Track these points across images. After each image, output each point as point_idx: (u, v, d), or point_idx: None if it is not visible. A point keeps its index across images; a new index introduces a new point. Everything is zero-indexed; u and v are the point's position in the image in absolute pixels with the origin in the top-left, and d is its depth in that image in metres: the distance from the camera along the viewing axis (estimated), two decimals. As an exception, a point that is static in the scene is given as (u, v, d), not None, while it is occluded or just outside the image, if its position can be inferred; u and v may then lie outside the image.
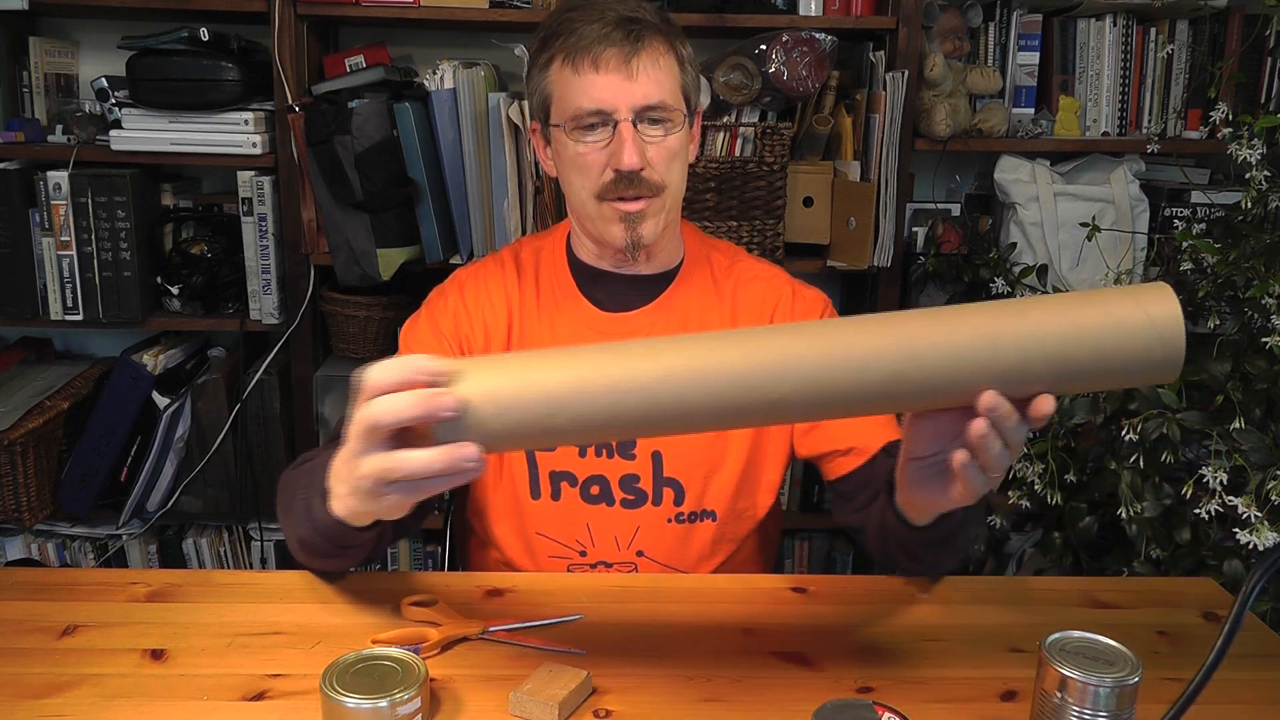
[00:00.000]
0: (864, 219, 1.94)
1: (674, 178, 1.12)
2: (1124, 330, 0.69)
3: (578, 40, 1.07)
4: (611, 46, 1.06)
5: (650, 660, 0.91)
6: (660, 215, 1.12)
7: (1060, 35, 2.08)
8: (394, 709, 0.76)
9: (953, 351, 0.69)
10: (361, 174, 1.83)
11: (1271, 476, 1.44)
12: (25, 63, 2.00)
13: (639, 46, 1.07)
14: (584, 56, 1.07)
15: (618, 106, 1.07)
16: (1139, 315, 0.69)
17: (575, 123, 1.09)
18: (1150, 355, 0.69)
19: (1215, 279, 1.70)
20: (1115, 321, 0.69)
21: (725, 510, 1.17)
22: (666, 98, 1.08)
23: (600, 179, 1.09)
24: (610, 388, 0.70)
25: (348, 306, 1.99)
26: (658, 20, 1.10)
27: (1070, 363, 0.69)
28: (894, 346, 0.70)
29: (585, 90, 1.07)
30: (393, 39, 2.10)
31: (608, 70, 1.06)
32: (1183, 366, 0.70)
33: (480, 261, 1.25)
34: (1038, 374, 0.70)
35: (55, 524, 2.05)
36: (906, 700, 0.86)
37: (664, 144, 1.09)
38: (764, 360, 0.70)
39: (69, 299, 1.94)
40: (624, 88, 1.06)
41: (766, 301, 1.19)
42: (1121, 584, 1.13)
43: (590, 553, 1.16)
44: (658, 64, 1.08)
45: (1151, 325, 0.69)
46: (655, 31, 1.09)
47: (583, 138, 1.09)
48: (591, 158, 1.09)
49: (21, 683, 0.86)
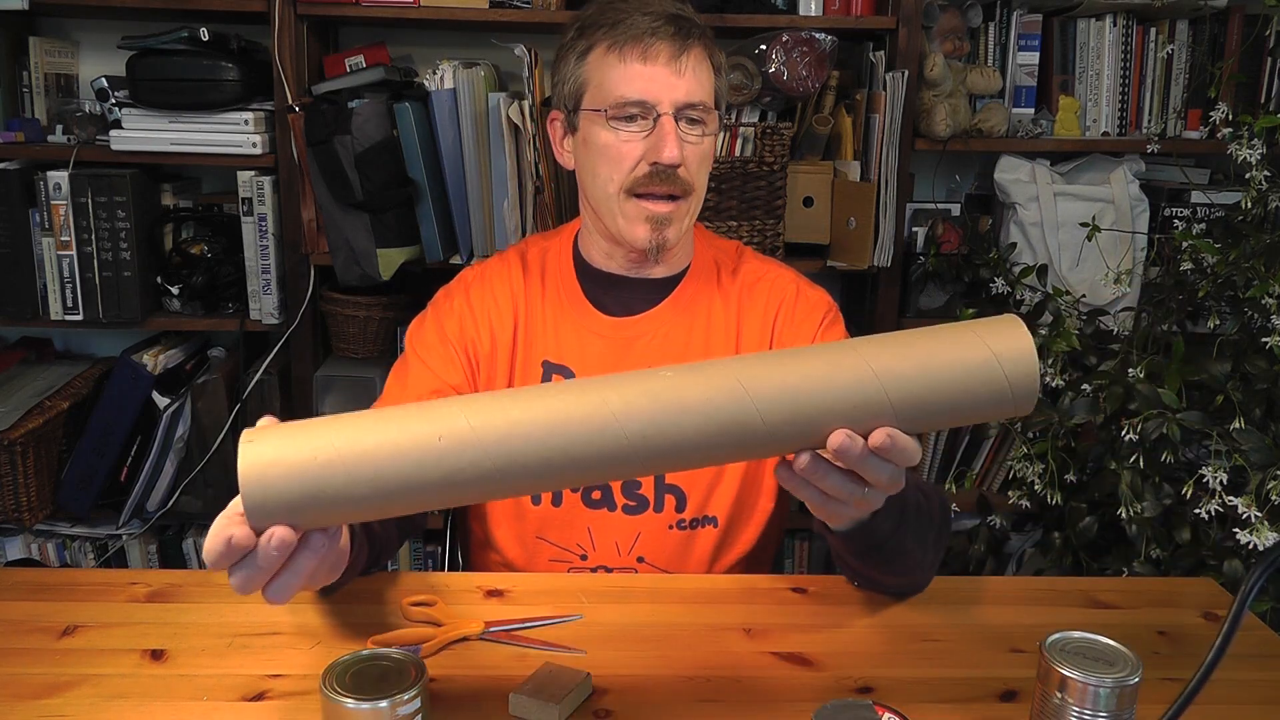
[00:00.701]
0: (864, 219, 1.94)
1: (702, 180, 1.12)
2: (974, 372, 0.69)
3: (627, 30, 1.06)
4: (662, 40, 1.06)
5: (650, 660, 0.91)
6: (685, 219, 1.11)
7: (1060, 35, 2.08)
8: (394, 709, 0.76)
9: (794, 397, 0.69)
10: (361, 174, 1.83)
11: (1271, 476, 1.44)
12: (25, 63, 2.00)
13: (689, 44, 1.07)
14: (633, 46, 1.06)
15: (661, 99, 1.06)
16: (986, 355, 0.69)
17: (616, 111, 1.07)
18: (1002, 396, 0.70)
19: (1215, 279, 1.70)
20: (965, 364, 0.70)
21: (727, 517, 1.16)
22: (706, 98, 1.09)
23: (633, 172, 1.08)
24: (394, 453, 0.66)
25: (348, 306, 1.99)
26: (700, 23, 1.10)
27: (921, 406, 0.70)
28: (729, 395, 0.68)
29: (630, 80, 1.06)
30: (393, 39, 2.10)
31: (656, 63, 1.06)
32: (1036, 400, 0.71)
33: (486, 261, 1.24)
34: (885, 416, 0.70)
35: (55, 524, 2.05)
36: (906, 700, 0.86)
37: (700, 145, 1.09)
38: (578, 416, 0.67)
39: (69, 299, 1.94)
40: (671, 82, 1.06)
41: (770, 303, 1.19)
42: (1121, 584, 1.13)
43: (591, 556, 1.16)
44: (701, 65, 1.09)
45: (1000, 365, 0.69)
46: (699, 32, 1.09)
47: (621, 127, 1.07)
48: (627, 149, 1.08)
49: (21, 683, 0.86)
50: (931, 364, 0.70)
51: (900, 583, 1.03)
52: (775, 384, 0.69)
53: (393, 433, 0.67)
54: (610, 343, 1.17)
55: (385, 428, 0.68)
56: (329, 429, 0.68)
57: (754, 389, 0.68)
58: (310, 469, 0.66)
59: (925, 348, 0.71)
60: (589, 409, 0.67)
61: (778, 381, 0.69)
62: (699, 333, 1.17)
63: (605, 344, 1.17)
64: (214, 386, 2.00)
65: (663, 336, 1.17)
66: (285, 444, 0.68)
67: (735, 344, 1.17)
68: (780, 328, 1.18)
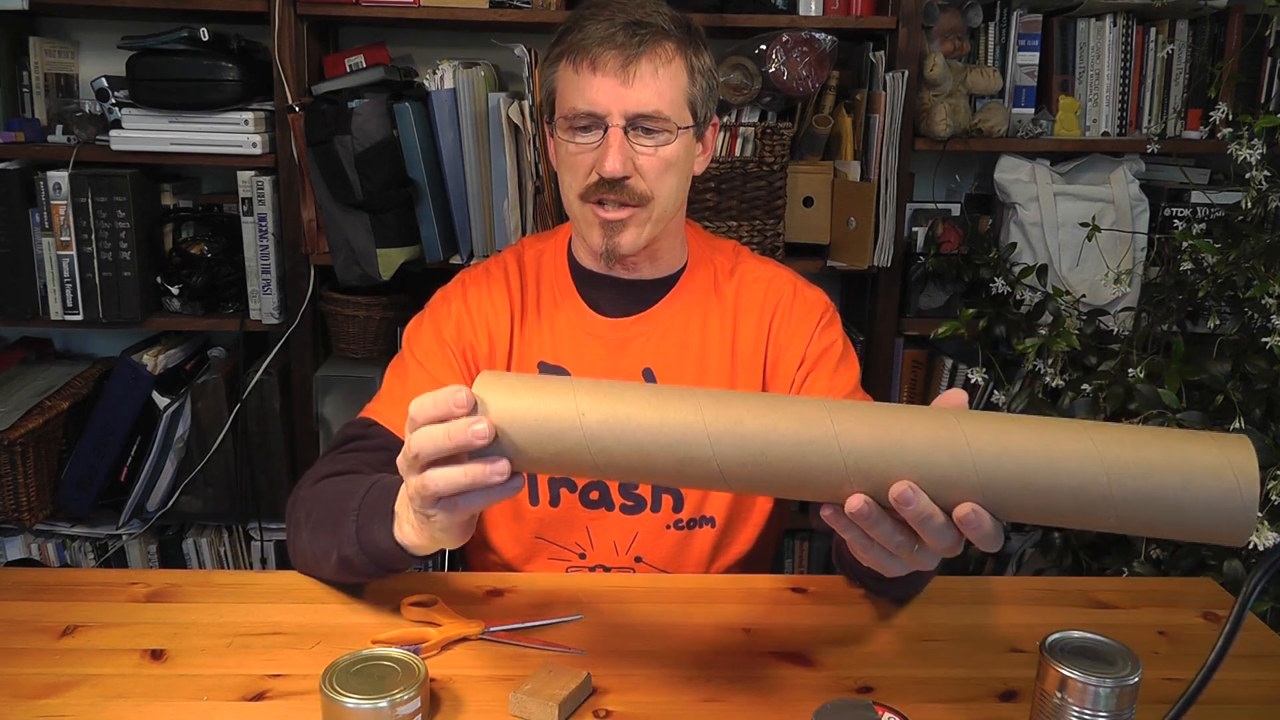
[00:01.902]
0: (864, 219, 1.94)
1: (665, 189, 1.10)
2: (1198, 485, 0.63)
3: (582, 39, 1.06)
4: (611, 49, 1.04)
5: (650, 660, 0.91)
6: (645, 226, 1.10)
7: (1060, 35, 2.08)
8: (394, 709, 0.76)
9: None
10: (361, 174, 1.83)
11: (1271, 476, 1.44)
12: (25, 63, 2.00)
13: (640, 51, 1.05)
14: (584, 56, 1.05)
15: (610, 110, 1.05)
16: (1214, 465, 0.62)
17: (569, 122, 1.08)
18: (1215, 511, 0.63)
19: (1215, 279, 1.70)
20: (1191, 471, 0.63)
21: (725, 518, 1.16)
22: (664, 107, 1.06)
23: (585, 180, 1.08)
24: (654, 430, 0.69)
25: (348, 306, 1.99)
26: (672, 26, 1.08)
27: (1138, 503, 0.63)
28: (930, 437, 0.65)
29: (581, 91, 1.06)
30: (393, 39, 2.10)
31: (605, 73, 1.05)
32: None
33: (484, 264, 1.24)
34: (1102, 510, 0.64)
35: (55, 524, 2.05)
36: (906, 700, 0.86)
37: (656, 154, 1.07)
38: (831, 433, 0.67)
39: (69, 299, 1.94)
40: (618, 93, 1.05)
41: (767, 304, 1.18)
42: (1121, 584, 1.13)
43: (589, 555, 1.16)
44: (659, 71, 1.06)
45: (1233, 479, 0.62)
46: (664, 37, 1.06)
47: (574, 138, 1.08)
48: (580, 158, 1.08)
49: (21, 683, 0.86)
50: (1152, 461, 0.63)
51: (907, 594, 1.04)
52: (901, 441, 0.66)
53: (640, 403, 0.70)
54: (606, 343, 1.17)
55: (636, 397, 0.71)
56: (587, 393, 0.71)
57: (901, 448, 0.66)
58: (547, 399, 0.70)
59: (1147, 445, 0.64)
60: (856, 427, 0.67)
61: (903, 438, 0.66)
62: (695, 333, 1.17)
63: (600, 344, 1.16)
64: (214, 386, 2.00)
65: (659, 337, 1.17)
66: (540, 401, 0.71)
67: (732, 344, 1.17)
68: (777, 328, 1.17)
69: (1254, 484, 0.62)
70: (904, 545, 0.70)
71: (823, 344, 1.16)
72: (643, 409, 0.69)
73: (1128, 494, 0.63)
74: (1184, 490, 0.62)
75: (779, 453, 0.67)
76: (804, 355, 1.16)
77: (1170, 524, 0.64)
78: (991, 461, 0.65)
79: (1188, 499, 0.62)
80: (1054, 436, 0.65)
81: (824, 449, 0.67)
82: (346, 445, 1.09)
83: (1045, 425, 0.66)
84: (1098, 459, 0.63)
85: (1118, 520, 0.64)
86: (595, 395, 0.70)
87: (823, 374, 1.15)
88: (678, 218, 1.17)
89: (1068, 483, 0.64)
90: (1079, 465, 0.63)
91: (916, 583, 1.02)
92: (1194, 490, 0.62)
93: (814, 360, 1.15)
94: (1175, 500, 0.63)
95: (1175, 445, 0.64)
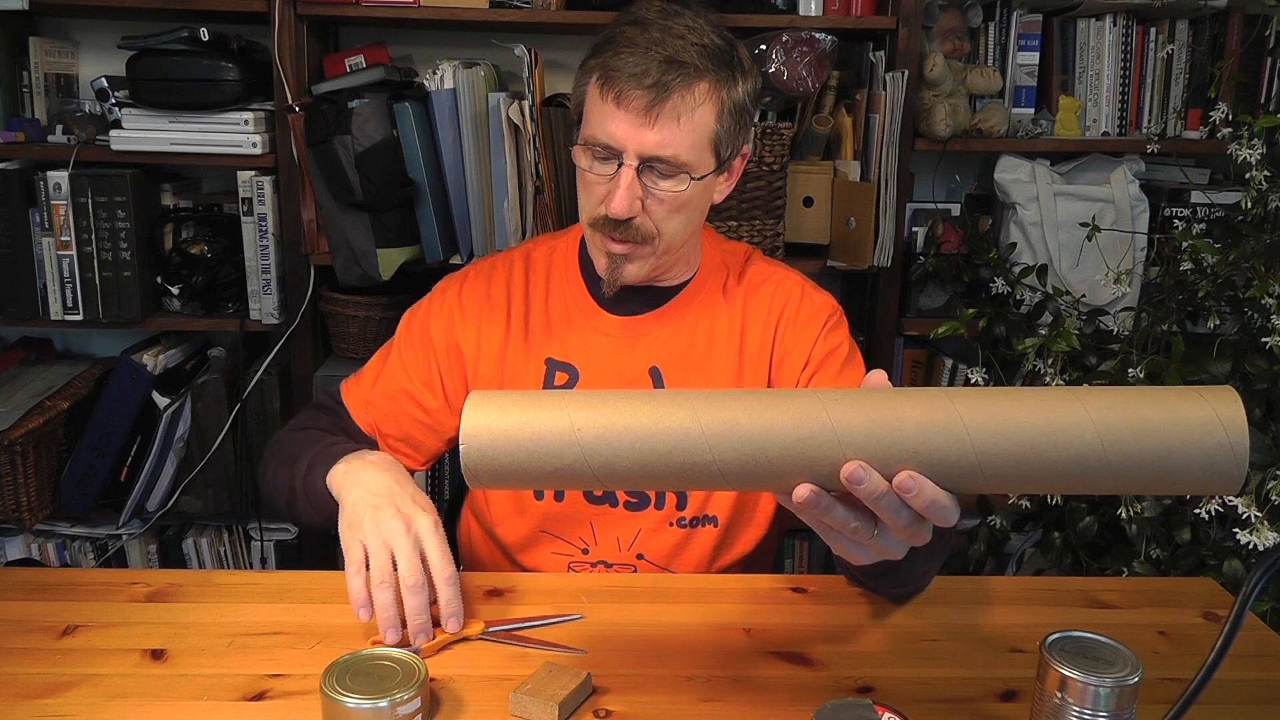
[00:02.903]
0: (864, 219, 1.94)
1: (671, 227, 1.08)
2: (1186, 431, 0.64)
3: (615, 67, 1.02)
4: (639, 88, 1.01)
5: (650, 660, 0.91)
6: (649, 260, 1.10)
7: (1060, 35, 2.08)
8: (394, 709, 0.76)
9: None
10: (361, 174, 1.83)
11: (1271, 476, 1.44)
12: (25, 63, 2.00)
13: (668, 94, 1.01)
14: (611, 87, 1.02)
15: (626, 148, 1.03)
16: (1203, 419, 0.64)
17: (589, 146, 1.06)
18: (1208, 462, 0.64)
19: (1215, 279, 1.70)
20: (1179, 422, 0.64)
21: (727, 517, 1.17)
22: (681, 153, 1.03)
23: (595, 210, 1.08)
24: (651, 438, 0.69)
25: (348, 306, 1.99)
26: (709, 62, 1.03)
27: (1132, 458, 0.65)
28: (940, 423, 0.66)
29: (603, 121, 1.04)
30: (393, 39, 2.10)
31: (628, 109, 1.02)
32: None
33: (491, 259, 1.25)
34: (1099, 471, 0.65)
35: (55, 524, 2.04)
36: (906, 700, 0.86)
37: (666, 196, 1.06)
38: (807, 425, 0.67)
39: (69, 299, 1.94)
40: (637, 134, 1.02)
41: (774, 305, 1.18)
42: (1121, 584, 1.13)
43: (592, 551, 1.17)
44: (682, 117, 1.02)
45: (1221, 431, 0.64)
46: (698, 77, 1.02)
47: (592, 166, 1.07)
48: (594, 187, 1.08)
49: (21, 683, 0.86)
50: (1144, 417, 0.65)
51: (903, 592, 1.04)
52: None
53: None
54: (614, 341, 1.17)
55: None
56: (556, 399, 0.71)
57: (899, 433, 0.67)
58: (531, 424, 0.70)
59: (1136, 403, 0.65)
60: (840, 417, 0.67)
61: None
62: (703, 333, 1.17)
63: (609, 342, 1.17)
64: (214, 386, 2.00)
65: (667, 336, 1.17)
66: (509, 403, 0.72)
67: (739, 345, 1.17)
68: (783, 330, 1.18)
69: (1243, 435, 0.63)
70: (862, 531, 0.70)
71: (828, 346, 1.17)
72: (637, 417, 0.69)
73: (1123, 457, 0.64)
74: (1177, 448, 0.64)
75: (778, 449, 0.67)
76: (809, 357, 1.16)
77: (1165, 481, 0.65)
78: (988, 437, 0.65)
79: (1181, 456, 0.64)
80: (1046, 407, 0.66)
81: (823, 442, 0.67)
82: (321, 409, 1.23)
83: (1036, 396, 0.67)
84: (1091, 425, 0.65)
85: (1114, 483, 0.66)
86: (589, 408, 0.70)
87: (828, 376, 1.15)
88: (692, 242, 1.17)
89: (1065, 452, 0.65)
90: (1074, 433, 0.65)
91: (905, 578, 1.00)
92: (1187, 447, 0.64)
93: (819, 362, 1.16)
94: (1169, 458, 0.64)
95: (1164, 403, 0.65)
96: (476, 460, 0.70)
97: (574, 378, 1.16)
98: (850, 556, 0.73)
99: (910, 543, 0.71)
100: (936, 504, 0.67)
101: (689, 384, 1.16)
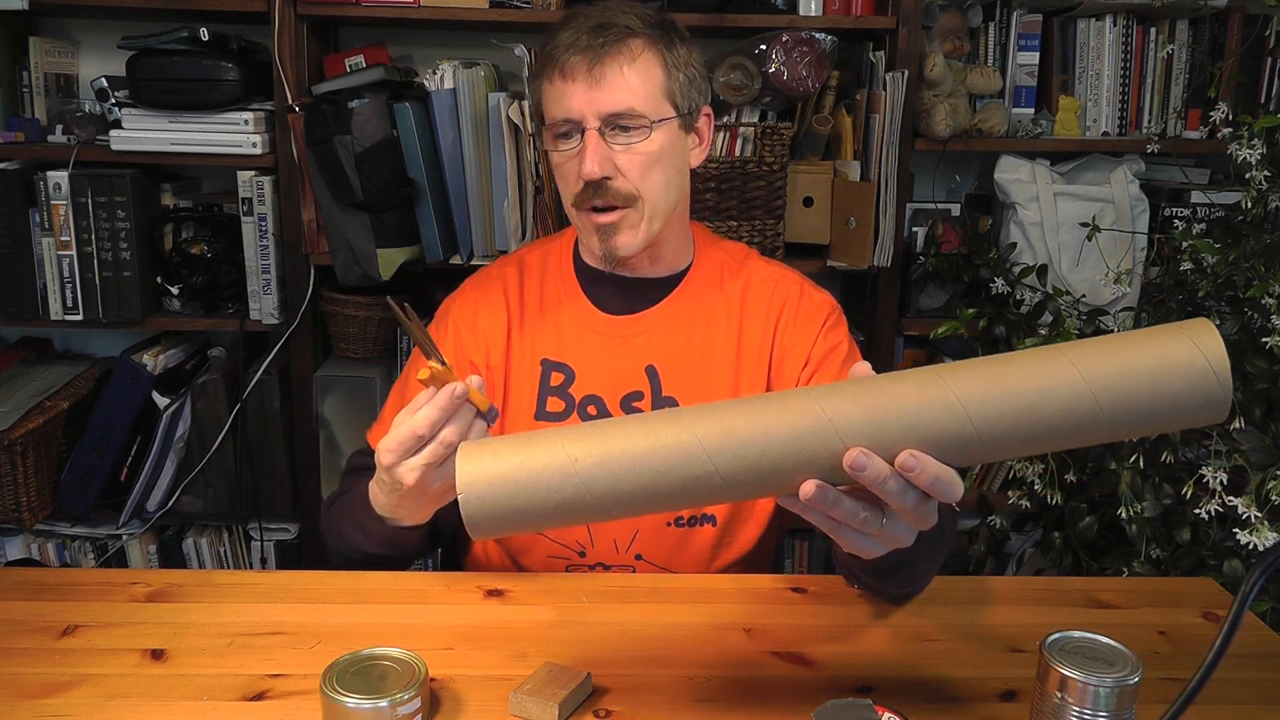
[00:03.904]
0: (864, 219, 1.94)
1: (651, 185, 1.10)
2: (1168, 370, 0.65)
3: (553, 50, 1.08)
4: (576, 54, 1.06)
5: (650, 660, 0.91)
6: (639, 227, 1.11)
7: (1060, 35, 2.08)
8: (394, 709, 0.76)
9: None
10: (361, 174, 1.83)
11: (1271, 476, 1.44)
12: (25, 63, 2.00)
13: (604, 52, 1.06)
14: (554, 66, 1.07)
15: (584, 114, 1.06)
16: (1185, 353, 0.65)
17: (552, 132, 1.10)
18: (1195, 394, 0.65)
19: (1215, 279, 1.70)
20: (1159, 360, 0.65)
21: (726, 516, 1.16)
22: (636, 104, 1.07)
23: (575, 188, 1.09)
24: (650, 459, 0.69)
25: (348, 306, 1.99)
26: (640, 24, 1.08)
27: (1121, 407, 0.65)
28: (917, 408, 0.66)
29: (556, 99, 1.08)
30: (393, 39, 2.10)
31: (574, 78, 1.06)
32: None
33: (486, 270, 1.26)
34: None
35: (55, 524, 2.05)
36: (906, 700, 0.86)
37: (635, 150, 1.08)
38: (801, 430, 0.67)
39: (69, 299, 1.94)
40: (588, 95, 1.06)
41: (773, 304, 1.19)
42: (1121, 584, 1.13)
43: (590, 554, 1.16)
44: (625, 70, 1.07)
45: (1204, 361, 0.64)
46: (629, 35, 1.07)
47: (558, 147, 1.10)
48: (567, 167, 1.10)
49: (21, 683, 0.86)
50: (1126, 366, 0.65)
51: (904, 593, 1.03)
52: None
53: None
54: (609, 340, 1.17)
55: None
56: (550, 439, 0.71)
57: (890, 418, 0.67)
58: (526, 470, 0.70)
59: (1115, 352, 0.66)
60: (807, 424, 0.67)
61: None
62: (700, 331, 1.17)
63: (604, 341, 1.17)
64: (214, 386, 2.00)
65: (663, 335, 1.17)
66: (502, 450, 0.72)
67: (737, 344, 1.17)
68: (783, 329, 1.18)
69: (1224, 364, 0.64)
70: (871, 520, 0.70)
71: (828, 344, 1.17)
72: (633, 439, 0.69)
73: (1115, 402, 0.65)
74: (1165, 384, 0.65)
75: (779, 451, 0.67)
76: (809, 355, 1.16)
77: (1159, 419, 0.66)
78: (981, 405, 0.66)
79: (1170, 391, 0.65)
80: (1033, 367, 0.67)
81: (822, 437, 0.67)
82: (351, 473, 1.18)
83: (1021, 359, 0.68)
84: (1079, 377, 0.65)
85: (1110, 431, 0.66)
86: (583, 438, 0.70)
87: (828, 374, 1.15)
88: (680, 215, 1.18)
89: (1058, 407, 0.65)
90: (1065, 389, 0.65)
91: (911, 576, 0.99)
92: (1174, 381, 0.65)
93: (819, 360, 1.16)
94: (1159, 396, 0.65)
95: (1144, 344, 0.66)
96: (477, 508, 0.69)
97: (570, 378, 1.16)
98: (862, 551, 0.73)
99: (918, 526, 0.71)
100: (940, 479, 0.67)
101: (686, 382, 1.16)
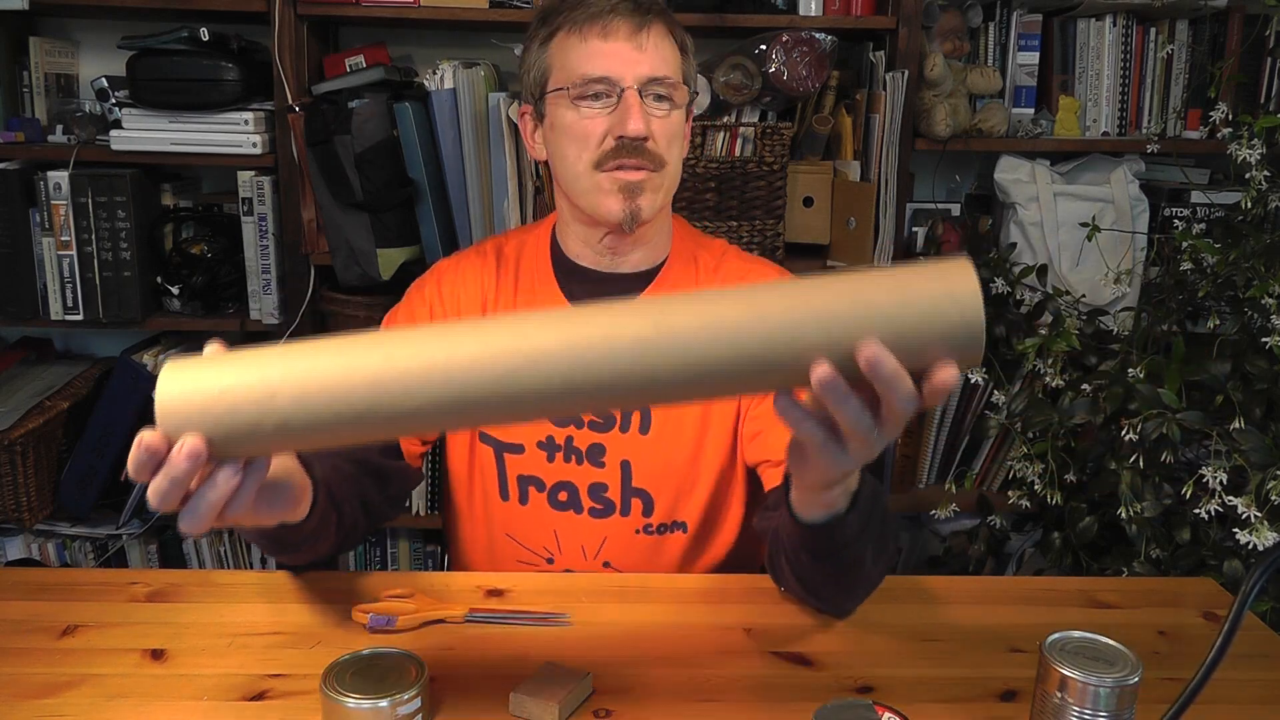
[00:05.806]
0: (864, 219, 1.94)
1: (674, 157, 1.11)
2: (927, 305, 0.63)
3: (585, 10, 1.08)
4: (620, 17, 1.07)
5: (650, 660, 0.91)
6: (659, 192, 1.10)
7: (1060, 35, 2.08)
8: (394, 709, 0.76)
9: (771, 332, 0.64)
10: (361, 174, 1.83)
11: (1271, 476, 1.44)
12: (25, 63, 2.00)
13: (648, 20, 1.08)
14: (593, 25, 1.07)
15: (624, 75, 1.06)
16: (940, 291, 0.63)
17: (579, 90, 1.07)
18: (954, 332, 0.63)
19: (1215, 279, 1.70)
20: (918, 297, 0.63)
21: (698, 522, 1.15)
22: (672, 73, 1.09)
23: (600, 147, 1.07)
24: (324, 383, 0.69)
25: (348, 306, 1.99)
26: (658, 5, 1.11)
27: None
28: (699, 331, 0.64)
29: (591, 58, 1.07)
30: (393, 39, 2.10)
31: (617, 39, 1.07)
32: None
33: (462, 253, 1.25)
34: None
35: (55, 524, 2.04)
36: (906, 700, 0.86)
37: (668, 120, 1.09)
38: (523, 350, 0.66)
39: (69, 299, 1.94)
40: (632, 57, 1.07)
41: None
42: (1121, 584, 1.13)
43: (557, 560, 1.16)
44: (662, 43, 1.09)
45: (954, 299, 0.63)
46: (661, 13, 1.10)
47: (585, 105, 1.08)
48: (592, 125, 1.07)
49: (21, 683, 0.86)
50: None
51: (836, 599, 0.98)
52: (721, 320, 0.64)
53: (308, 363, 0.72)
54: None
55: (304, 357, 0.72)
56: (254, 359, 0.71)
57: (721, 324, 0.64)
58: (227, 381, 0.71)
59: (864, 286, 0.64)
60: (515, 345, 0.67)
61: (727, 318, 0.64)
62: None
63: None
64: (214, 386, 2.00)
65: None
66: (205, 367, 0.72)
67: None
68: None
69: (978, 308, 0.62)
70: (869, 426, 0.66)
71: None
72: (335, 364, 0.72)
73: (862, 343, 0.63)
74: (916, 330, 0.62)
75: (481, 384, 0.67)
76: None
77: (909, 360, 0.63)
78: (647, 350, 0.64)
79: (923, 337, 0.63)
80: (762, 301, 0.64)
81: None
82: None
83: (776, 288, 0.65)
84: (818, 323, 0.63)
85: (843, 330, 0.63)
86: (289, 360, 0.71)
87: None
88: (669, 192, 1.17)
89: (785, 352, 0.63)
90: (798, 330, 0.63)
91: (852, 561, 0.91)
92: (928, 327, 0.63)
93: None
94: (908, 340, 0.63)
95: (896, 286, 0.64)
96: (175, 435, 0.71)
97: None
98: (833, 469, 0.72)
99: (863, 447, 0.69)
100: (892, 375, 0.63)
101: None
